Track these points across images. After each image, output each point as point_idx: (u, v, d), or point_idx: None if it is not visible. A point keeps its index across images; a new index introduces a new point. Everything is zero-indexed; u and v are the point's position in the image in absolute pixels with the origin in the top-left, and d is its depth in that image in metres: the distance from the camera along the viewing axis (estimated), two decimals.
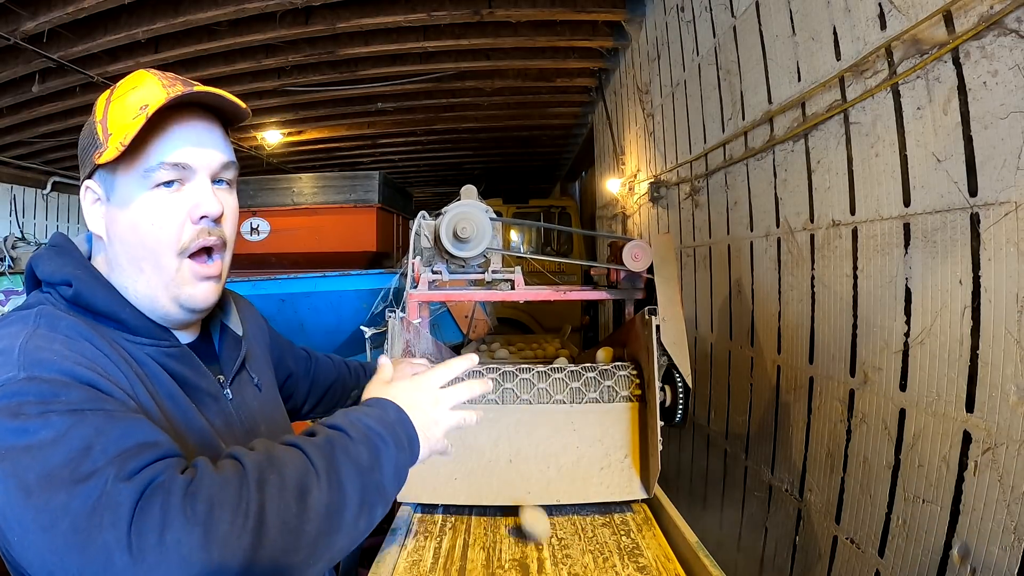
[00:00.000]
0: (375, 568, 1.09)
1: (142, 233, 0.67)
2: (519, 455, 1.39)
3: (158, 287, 0.69)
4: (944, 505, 1.27)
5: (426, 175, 9.88)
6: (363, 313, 3.34)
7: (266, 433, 0.81)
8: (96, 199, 0.70)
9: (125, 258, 0.69)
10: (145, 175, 0.66)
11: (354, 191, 6.36)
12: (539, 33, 4.29)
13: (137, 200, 0.67)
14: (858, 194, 1.60)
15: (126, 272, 0.70)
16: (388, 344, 1.43)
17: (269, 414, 0.86)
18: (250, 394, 0.83)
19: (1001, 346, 1.13)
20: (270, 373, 0.95)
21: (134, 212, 0.67)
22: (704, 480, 2.89)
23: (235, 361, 0.81)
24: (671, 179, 3.40)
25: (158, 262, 0.68)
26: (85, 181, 0.71)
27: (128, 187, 0.67)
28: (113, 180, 0.68)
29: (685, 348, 1.42)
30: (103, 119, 0.68)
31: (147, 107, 0.65)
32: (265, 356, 0.96)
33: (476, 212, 1.71)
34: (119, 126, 0.65)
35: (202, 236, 0.70)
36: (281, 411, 0.93)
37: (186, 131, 0.68)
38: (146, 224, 0.67)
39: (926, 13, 1.28)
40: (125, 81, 0.71)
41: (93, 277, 0.69)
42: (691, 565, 1.10)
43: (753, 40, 2.18)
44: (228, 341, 0.83)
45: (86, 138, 0.70)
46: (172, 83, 0.70)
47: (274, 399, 0.92)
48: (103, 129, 0.67)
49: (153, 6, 3.67)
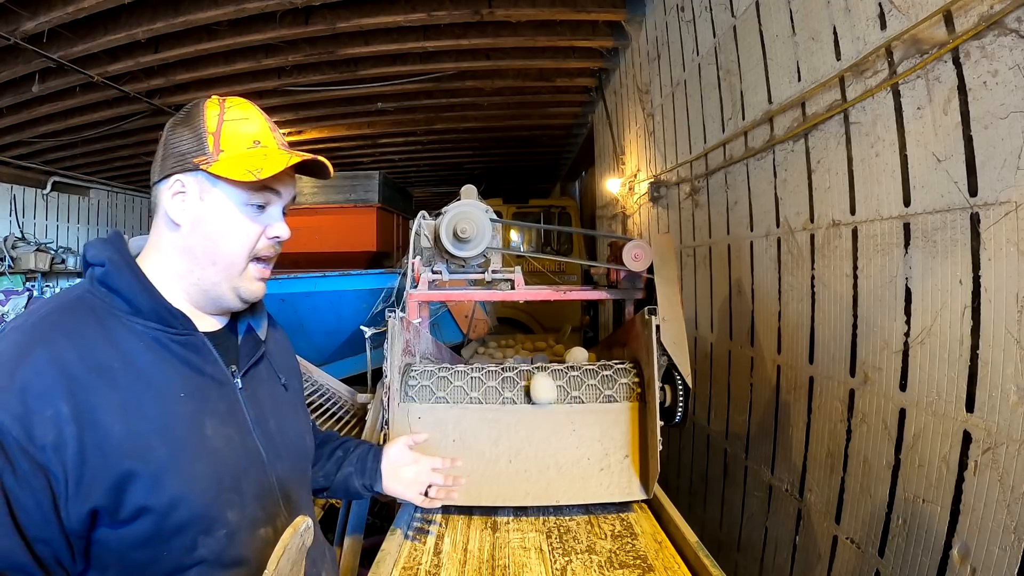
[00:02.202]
0: (375, 568, 1.09)
1: (229, 236, 0.82)
2: (519, 455, 1.39)
3: (223, 279, 0.83)
4: (944, 505, 1.27)
5: (426, 175, 9.87)
6: (363, 313, 3.34)
7: (275, 428, 0.89)
8: (180, 192, 0.81)
9: (203, 250, 0.82)
10: (249, 195, 0.82)
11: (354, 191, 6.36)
12: (539, 33, 4.29)
13: (232, 210, 0.82)
14: (858, 194, 1.59)
15: (198, 260, 0.82)
16: (388, 344, 1.43)
17: (284, 413, 0.93)
18: (266, 390, 0.91)
19: (1001, 346, 1.13)
20: (298, 385, 1.05)
21: (228, 218, 0.82)
22: (704, 480, 2.89)
23: (251, 356, 0.90)
24: (671, 179, 3.39)
25: (232, 260, 0.83)
26: (177, 175, 0.81)
27: (228, 197, 0.82)
28: (214, 185, 0.81)
29: (685, 348, 1.41)
30: (215, 132, 0.81)
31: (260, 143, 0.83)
32: (294, 373, 1.05)
33: (476, 212, 1.71)
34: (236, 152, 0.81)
35: (270, 249, 0.87)
36: (300, 416, 1.01)
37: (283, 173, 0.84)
38: (235, 231, 0.82)
39: (926, 13, 1.28)
40: (234, 106, 0.85)
41: (125, 264, 0.79)
42: (691, 565, 1.10)
43: (753, 40, 2.18)
44: (249, 339, 0.92)
45: (188, 140, 0.81)
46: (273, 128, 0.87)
47: (297, 404, 1.01)
48: (215, 142, 0.81)
49: (153, 6, 3.67)
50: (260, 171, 0.80)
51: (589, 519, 1.31)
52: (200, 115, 0.83)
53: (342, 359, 3.51)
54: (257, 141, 0.83)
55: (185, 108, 0.85)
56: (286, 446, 0.90)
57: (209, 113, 0.83)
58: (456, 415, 1.44)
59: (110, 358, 0.72)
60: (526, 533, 1.25)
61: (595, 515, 1.32)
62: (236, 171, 0.79)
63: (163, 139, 0.84)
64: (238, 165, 0.80)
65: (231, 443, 0.79)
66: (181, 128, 0.83)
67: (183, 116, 0.84)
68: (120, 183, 8.88)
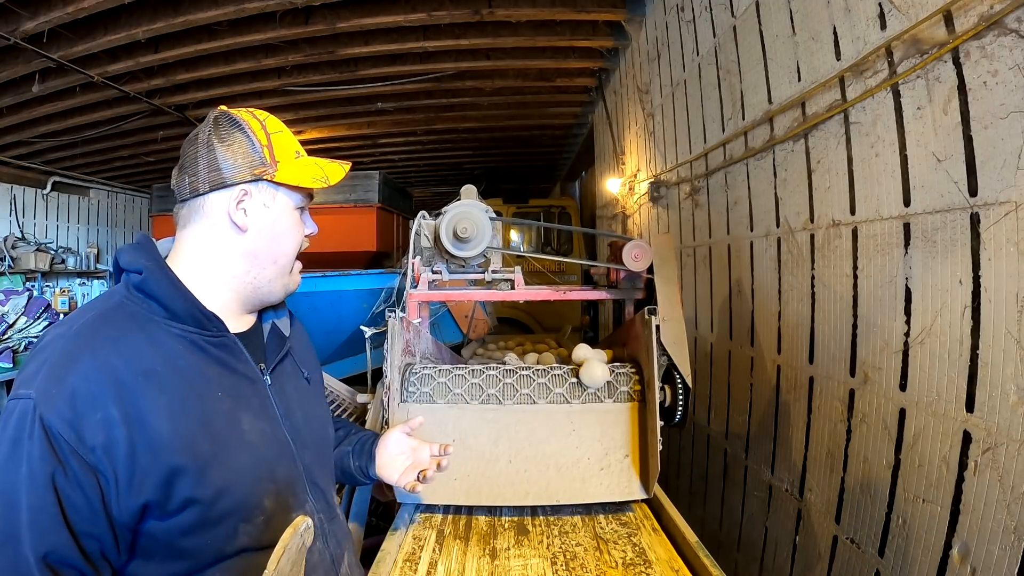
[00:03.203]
0: (375, 568, 1.09)
1: (290, 237, 0.92)
2: (519, 455, 1.39)
3: (278, 276, 0.92)
4: (944, 505, 1.27)
5: (426, 175, 9.87)
6: (363, 313, 3.34)
7: (301, 419, 0.94)
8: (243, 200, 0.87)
9: (267, 251, 0.89)
10: (301, 200, 0.93)
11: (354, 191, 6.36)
12: (539, 33, 4.28)
13: (293, 214, 0.92)
14: (858, 194, 1.59)
15: (261, 261, 0.89)
16: (388, 344, 1.43)
17: (308, 405, 0.99)
18: (292, 384, 0.97)
19: (1001, 346, 1.13)
20: (319, 378, 1.09)
21: (288, 222, 0.91)
22: (704, 480, 2.89)
23: (278, 353, 0.96)
24: (671, 179, 3.39)
25: (289, 259, 0.93)
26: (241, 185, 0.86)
27: (288, 203, 0.91)
28: (277, 191, 0.89)
29: (685, 348, 1.41)
30: (268, 145, 0.88)
31: (300, 154, 0.92)
32: (315, 366, 1.10)
33: (476, 212, 1.70)
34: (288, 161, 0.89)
35: (305, 244, 0.96)
36: (322, 407, 1.08)
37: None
38: (294, 231, 0.92)
39: (926, 13, 1.28)
40: (266, 118, 0.91)
41: (160, 269, 0.84)
42: (691, 565, 1.10)
43: (753, 40, 2.18)
44: (275, 337, 0.98)
45: (243, 153, 0.86)
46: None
47: (319, 396, 1.07)
48: (271, 154, 0.88)
49: (153, 6, 3.67)
50: (326, 179, 0.91)
51: (589, 519, 1.31)
52: (246, 129, 0.88)
53: (342, 359, 3.51)
54: (298, 152, 0.92)
55: (216, 122, 0.87)
56: (312, 436, 0.96)
57: (254, 126, 0.89)
58: (456, 415, 1.44)
59: (154, 362, 0.77)
60: (526, 532, 1.24)
61: (595, 515, 1.32)
62: (303, 179, 0.89)
63: (199, 152, 0.86)
64: (302, 174, 0.89)
65: (265, 436, 0.85)
66: (227, 141, 0.86)
67: (224, 130, 0.86)
68: (120, 183, 8.88)
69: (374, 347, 2.25)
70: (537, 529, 1.26)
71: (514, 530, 1.26)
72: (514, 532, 1.25)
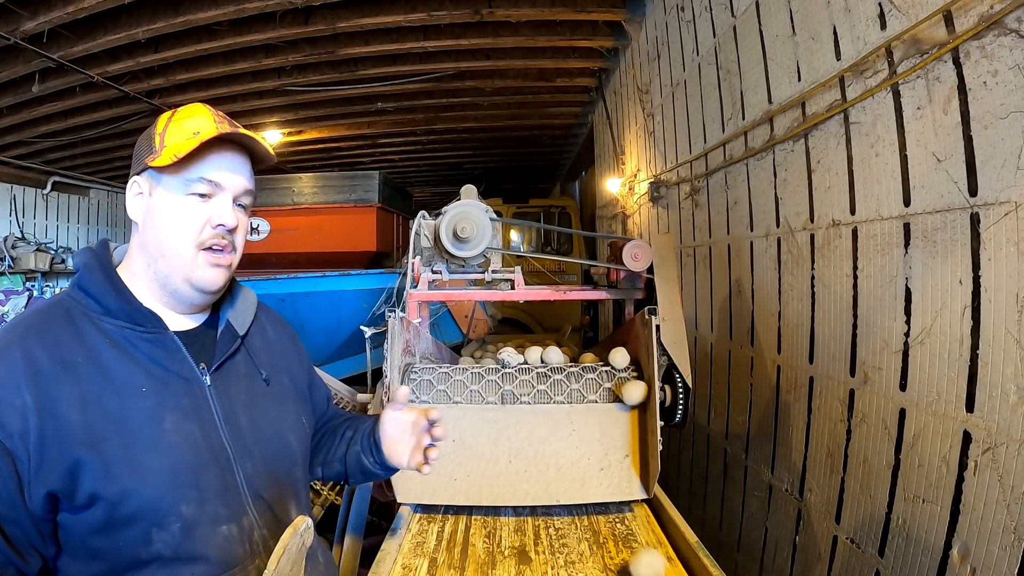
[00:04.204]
0: (375, 568, 1.09)
1: (172, 226, 0.84)
2: (519, 455, 1.39)
3: (174, 269, 0.85)
4: (944, 505, 1.27)
5: (426, 175, 9.87)
6: (363, 313, 3.34)
7: (247, 424, 0.89)
8: (139, 192, 0.87)
9: (153, 242, 0.85)
10: (186, 183, 0.84)
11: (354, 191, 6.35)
12: (539, 33, 4.28)
13: (174, 200, 0.84)
14: (858, 194, 1.59)
15: (151, 253, 0.85)
16: (388, 344, 1.42)
17: (261, 409, 0.92)
18: (241, 386, 0.91)
19: (1001, 346, 1.13)
20: (288, 381, 1.02)
21: (170, 209, 0.84)
22: (704, 480, 2.89)
23: (224, 353, 0.90)
24: (671, 179, 3.39)
25: (179, 250, 0.84)
26: (134, 177, 0.87)
27: (170, 189, 0.85)
28: (159, 181, 0.85)
29: (685, 348, 1.42)
30: (162, 132, 0.86)
31: (199, 133, 0.84)
32: (288, 367, 1.04)
33: (476, 212, 1.71)
34: (174, 142, 0.84)
35: (216, 238, 0.86)
36: (285, 413, 0.98)
37: (224, 159, 0.87)
38: (177, 220, 0.84)
39: (926, 13, 1.28)
40: (185, 109, 0.89)
41: (99, 267, 0.84)
42: (691, 565, 1.10)
43: (753, 40, 2.18)
44: (226, 335, 0.93)
45: (143, 144, 0.87)
46: (221, 121, 0.88)
47: (281, 401, 0.98)
48: (160, 140, 0.85)
49: (153, 6, 3.67)
50: (179, 152, 0.81)
51: (589, 519, 1.31)
52: (155, 122, 0.88)
53: (342, 359, 3.51)
54: (197, 132, 0.84)
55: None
56: (259, 444, 0.89)
57: (162, 118, 0.88)
58: (456, 415, 1.44)
59: (75, 354, 0.77)
60: (526, 532, 1.24)
61: (595, 515, 1.32)
62: (164, 158, 0.82)
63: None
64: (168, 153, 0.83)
65: (191, 439, 0.81)
66: (142, 138, 0.88)
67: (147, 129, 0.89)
68: (120, 183, 8.87)
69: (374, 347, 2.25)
70: (537, 530, 1.26)
71: (514, 530, 1.26)
72: (514, 532, 1.25)
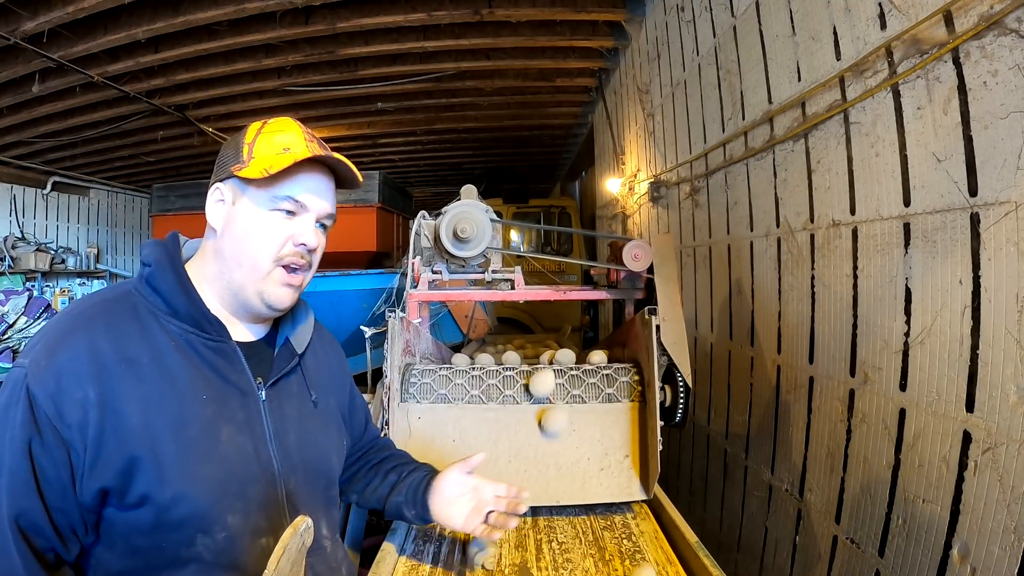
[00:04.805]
0: (375, 568, 1.09)
1: (254, 239, 0.84)
2: (519, 455, 1.39)
3: (248, 281, 0.85)
4: (944, 505, 1.27)
5: (426, 175, 9.87)
6: (363, 313, 3.34)
7: (295, 442, 0.90)
8: (220, 199, 0.87)
9: (231, 252, 0.85)
10: (273, 199, 0.85)
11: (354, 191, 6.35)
12: (539, 33, 4.28)
13: (258, 214, 0.85)
14: (858, 194, 1.59)
15: (227, 262, 0.85)
16: (388, 344, 1.42)
17: (308, 429, 0.94)
18: (293, 404, 0.92)
19: (1001, 346, 1.13)
20: (334, 403, 1.05)
21: (253, 221, 0.85)
22: (704, 480, 2.89)
23: (282, 369, 0.92)
24: (671, 179, 3.39)
25: (257, 263, 0.85)
26: (217, 184, 0.88)
27: (255, 201, 0.85)
28: (244, 191, 0.85)
29: (685, 348, 1.41)
30: (251, 143, 0.86)
31: (290, 150, 0.84)
32: (334, 389, 1.07)
33: (476, 212, 1.71)
34: (264, 155, 0.84)
35: (295, 256, 0.87)
36: (330, 435, 1.00)
37: (312, 181, 0.87)
38: (259, 234, 0.85)
39: (926, 13, 1.28)
40: (276, 121, 0.90)
41: (170, 266, 0.84)
42: (691, 565, 1.10)
43: (753, 40, 2.18)
44: (284, 352, 0.94)
45: (230, 152, 0.87)
46: (311, 140, 0.89)
47: (327, 422, 1.00)
48: (248, 151, 0.86)
49: (153, 6, 3.66)
50: (271, 167, 0.82)
51: (589, 519, 1.31)
52: (243, 131, 0.89)
53: None
54: (287, 148, 0.85)
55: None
56: (304, 462, 0.91)
57: (251, 128, 0.89)
58: (455, 415, 1.44)
59: (140, 352, 0.77)
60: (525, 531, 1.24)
61: (595, 515, 1.32)
62: (253, 170, 0.83)
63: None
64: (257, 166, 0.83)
65: (243, 451, 0.82)
66: (228, 145, 0.89)
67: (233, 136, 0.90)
68: (120, 183, 8.87)
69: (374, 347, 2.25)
70: (537, 530, 1.26)
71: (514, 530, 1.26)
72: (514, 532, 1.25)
